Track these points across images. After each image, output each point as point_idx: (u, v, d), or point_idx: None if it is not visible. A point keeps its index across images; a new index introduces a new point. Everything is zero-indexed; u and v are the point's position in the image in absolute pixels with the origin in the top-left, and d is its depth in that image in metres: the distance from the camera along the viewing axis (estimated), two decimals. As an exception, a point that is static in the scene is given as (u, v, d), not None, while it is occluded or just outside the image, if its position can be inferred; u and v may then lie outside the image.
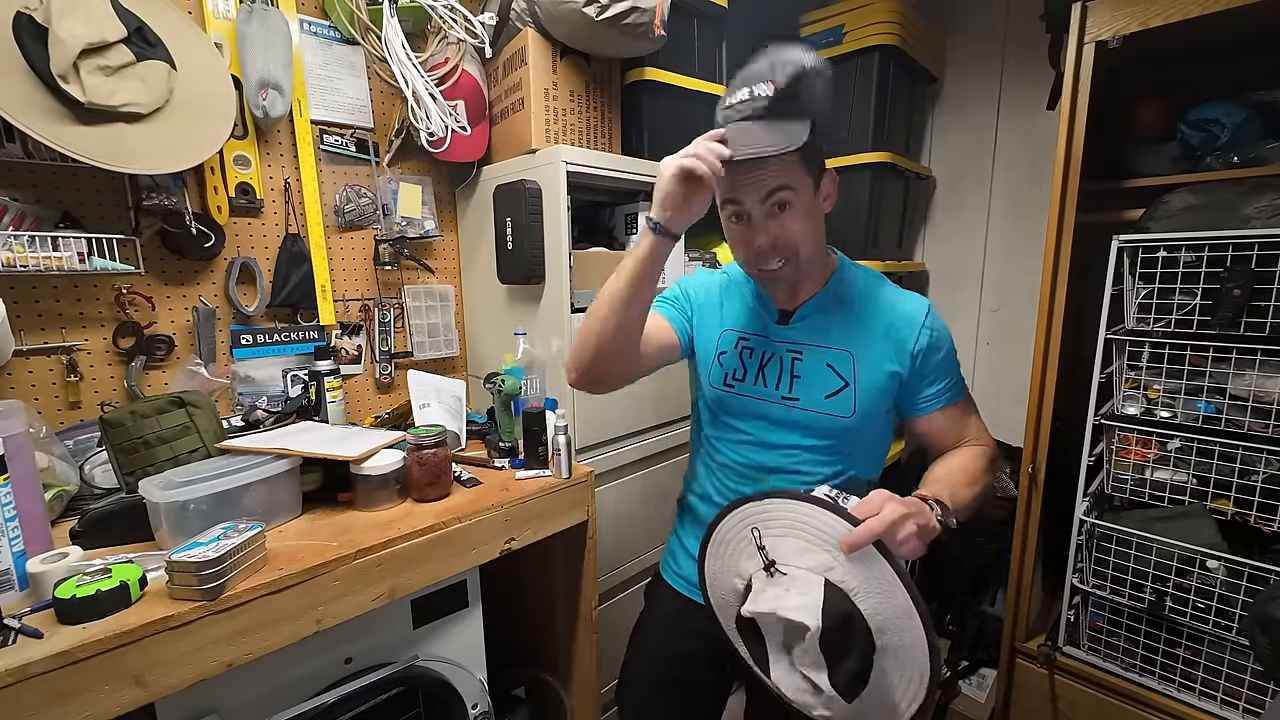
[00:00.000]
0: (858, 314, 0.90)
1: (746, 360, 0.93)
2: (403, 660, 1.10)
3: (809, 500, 0.71)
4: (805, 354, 0.90)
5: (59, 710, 0.72)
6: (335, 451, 1.09)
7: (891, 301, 0.91)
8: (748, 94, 0.74)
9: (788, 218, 0.80)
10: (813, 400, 0.89)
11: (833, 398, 0.88)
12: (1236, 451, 1.20)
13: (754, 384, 0.92)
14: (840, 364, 0.89)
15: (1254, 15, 1.11)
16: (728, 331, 0.96)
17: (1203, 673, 1.26)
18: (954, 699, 1.67)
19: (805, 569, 0.70)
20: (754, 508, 0.75)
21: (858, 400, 0.88)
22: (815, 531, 0.70)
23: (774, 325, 0.93)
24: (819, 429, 0.89)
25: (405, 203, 1.57)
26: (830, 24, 1.81)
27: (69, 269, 1.09)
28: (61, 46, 0.98)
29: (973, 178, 2.07)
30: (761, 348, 0.93)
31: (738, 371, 0.93)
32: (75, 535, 0.96)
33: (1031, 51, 1.83)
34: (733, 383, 0.93)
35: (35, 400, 1.15)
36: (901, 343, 0.88)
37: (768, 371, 0.92)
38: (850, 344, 0.89)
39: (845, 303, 0.91)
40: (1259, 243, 1.14)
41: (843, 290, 0.92)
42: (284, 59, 1.32)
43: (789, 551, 0.71)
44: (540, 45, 1.41)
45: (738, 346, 0.94)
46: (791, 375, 0.90)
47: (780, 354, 0.91)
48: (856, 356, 0.88)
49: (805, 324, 0.91)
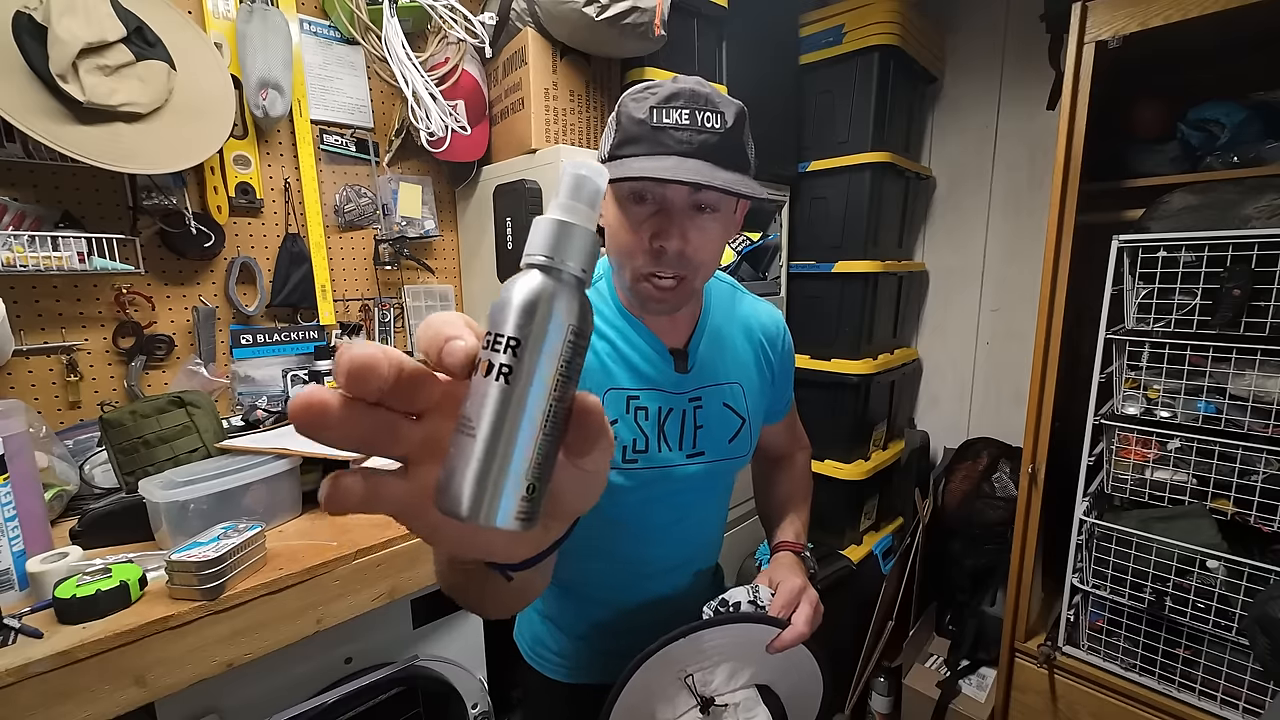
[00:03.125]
0: (733, 336, 0.80)
1: (643, 424, 0.73)
2: (403, 660, 1.10)
3: (740, 620, 0.71)
4: (705, 398, 0.76)
5: (59, 710, 0.72)
6: (335, 451, 1.09)
7: (753, 315, 0.83)
8: (688, 119, 0.60)
9: (708, 222, 0.64)
10: (717, 449, 0.77)
11: (735, 439, 0.78)
12: (1236, 451, 1.19)
13: (658, 451, 0.73)
14: (734, 400, 0.78)
15: (1254, 15, 1.11)
16: (612, 392, 0.72)
17: (1202, 673, 1.26)
18: (954, 699, 1.67)
19: (741, 689, 0.71)
20: (679, 649, 0.67)
21: (751, 435, 0.80)
22: (741, 647, 0.71)
23: (671, 373, 0.74)
24: (720, 474, 0.80)
25: (405, 203, 1.57)
26: (830, 24, 1.81)
27: (69, 269, 1.09)
28: (61, 46, 0.98)
29: (973, 178, 2.07)
30: (657, 404, 0.73)
31: (638, 442, 0.72)
32: (75, 535, 0.96)
33: (1031, 51, 1.83)
34: (634, 456, 0.72)
35: (35, 400, 1.15)
36: (769, 359, 0.83)
37: (668, 430, 0.74)
38: (736, 373, 0.79)
39: (720, 326, 0.79)
40: (1259, 243, 1.14)
41: (715, 312, 0.80)
42: (284, 59, 1.32)
43: (722, 680, 0.71)
44: (540, 45, 1.41)
45: (630, 410, 0.73)
46: (695, 427, 0.75)
47: (680, 408, 0.75)
48: (745, 386, 0.79)
49: (700, 364, 0.76)
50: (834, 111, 1.85)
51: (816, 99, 1.89)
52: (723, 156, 0.61)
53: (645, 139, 0.61)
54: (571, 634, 0.83)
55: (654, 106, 0.60)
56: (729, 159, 0.62)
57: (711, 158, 0.60)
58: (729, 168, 0.61)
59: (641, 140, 0.61)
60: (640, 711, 0.68)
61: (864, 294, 1.85)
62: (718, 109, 0.61)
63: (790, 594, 0.72)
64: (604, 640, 0.82)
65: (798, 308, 1.95)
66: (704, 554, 0.86)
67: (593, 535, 0.75)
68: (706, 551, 0.87)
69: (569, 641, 0.83)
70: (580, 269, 0.26)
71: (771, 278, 1.88)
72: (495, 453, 0.24)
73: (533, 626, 0.87)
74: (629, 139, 0.62)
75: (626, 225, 0.65)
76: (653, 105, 0.61)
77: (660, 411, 0.74)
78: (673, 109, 0.60)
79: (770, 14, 1.75)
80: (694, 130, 0.60)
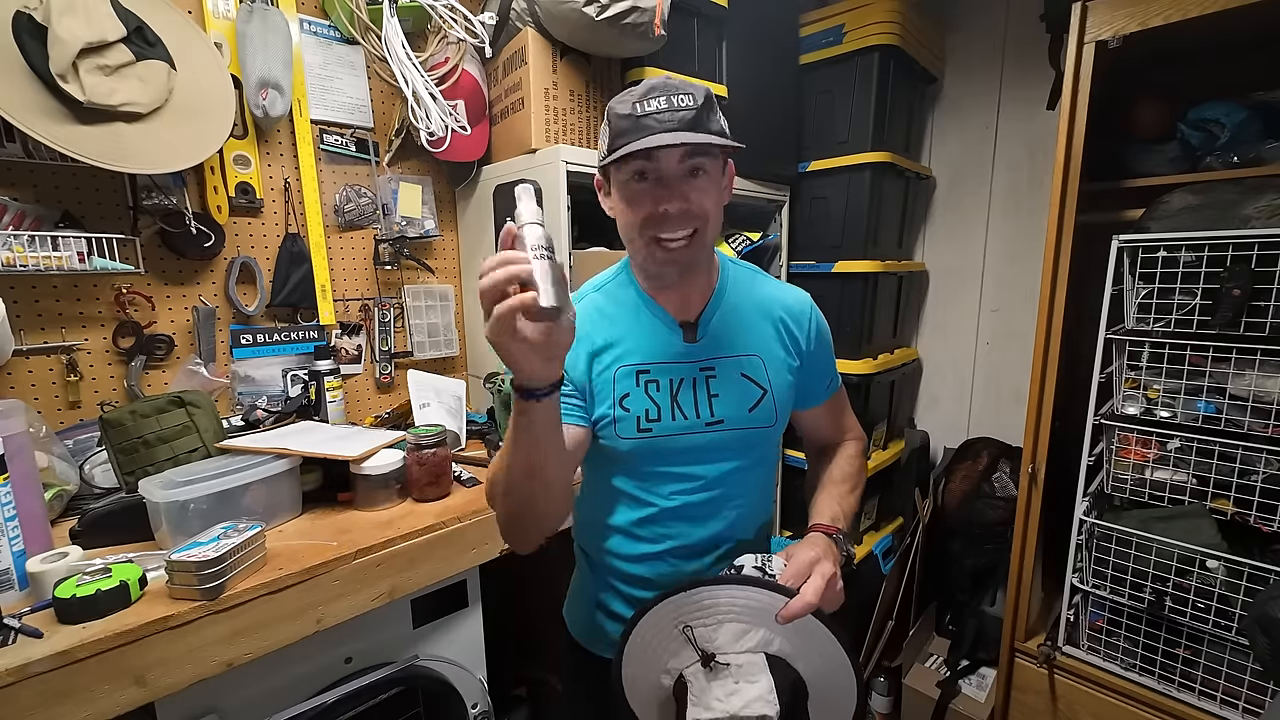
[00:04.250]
0: (751, 313, 0.84)
1: (655, 395, 0.79)
2: (403, 660, 1.10)
3: (741, 582, 0.70)
4: (718, 368, 0.81)
5: (59, 710, 0.72)
6: (335, 451, 1.09)
7: (777, 295, 0.87)
8: (665, 103, 0.69)
9: (703, 182, 0.73)
10: (738, 417, 0.80)
11: (756, 409, 0.81)
12: (1236, 451, 1.19)
13: (672, 419, 0.79)
14: (754, 370, 0.82)
15: (1254, 15, 1.11)
16: (622, 369, 0.79)
17: (1202, 672, 1.26)
18: (954, 699, 1.67)
19: (746, 652, 0.69)
20: (679, 601, 0.70)
21: (777, 405, 0.82)
22: (751, 611, 0.69)
23: (680, 344, 0.81)
24: (747, 444, 0.82)
25: (405, 202, 1.57)
26: (830, 24, 1.81)
27: (69, 269, 1.09)
28: (61, 46, 0.98)
29: (973, 178, 2.07)
30: (668, 375, 0.79)
31: (650, 412, 0.78)
32: (75, 535, 0.96)
33: (1031, 51, 1.83)
34: (648, 425, 0.78)
35: (35, 400, 1.15)
36: (794, 337, 0.85)
37: (682, 400, 0.79)
38: (756, 346, 0.83)
39: (736, 303, 0.84)
40: (1259, 243, 1.14)
41: (731, 290, 0.85)
42: (284, 58, 1.32)
43: (727, 639, 0.70)
44: (540, 45, 1.41)
45: (640, 383, 0.79)
46: (709, 395, 0.80)
47: (691, 376, 0.80)
48: (765, 359, 0.83)
49: (711, 335, 0.82)
50: (834, 111, 1.85)
51: (816, 99, 1.89)
52: (699, 125, 0.70)
53: (632, 129, 0.69)
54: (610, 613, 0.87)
55: (635, 101, 0.70)
56: (705, 127, 0.70)
57: (690, 128, 0.69)
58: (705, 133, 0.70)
59: (629, 131, 0.69)
60: (650, 657, 0.72)
61: (864, 294, 1.85)
62: (688, 91, 0.70)
63: (802, 565, 0.69)
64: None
65: (798, 308, 1.95)
66: (740, 530, 0.86)
67: (629, 510, 0.84)
68: (743, 527, 0.86)
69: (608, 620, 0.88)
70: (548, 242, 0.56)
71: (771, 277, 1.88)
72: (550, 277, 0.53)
73: (581, 605, 0.93)
74: (619, 133, 0.70)
75: (632, 201, 0.73)
76: (634, 100, 0.70)
77: (672, 383, 0.80)
78: (650, 99, 0.69)
79: (770, 14, 1.75)
80: (671, 111, 0.69)
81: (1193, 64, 1.46)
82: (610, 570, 0.87)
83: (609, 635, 0.87)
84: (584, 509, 0.93)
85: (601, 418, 0.79)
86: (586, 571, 0.92)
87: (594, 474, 0.88)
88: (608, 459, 0.82)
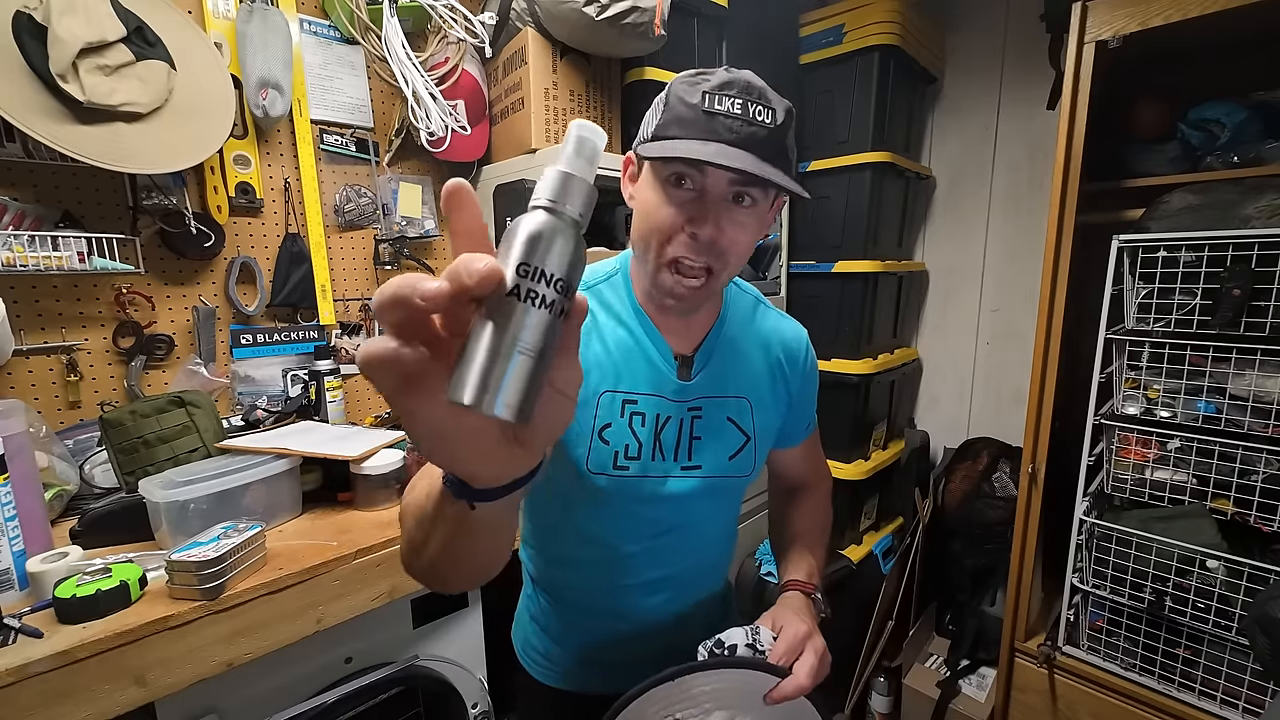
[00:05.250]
0: (749, 350, 0.77)
1: (638, 430, 0.70)
2: (403, 660, 1.10)
3: (735, 665, 0.66)
4: (705, 409, 0.73)
5: (59, 709, 0.72)
6: (335, 451, 1.09)
7: (776, 331, 0.80)
8: (739, 109, 0.59)
9: (744, 216, 0.62)
10: (716, 464, 0.74)
11: (736, 457, 0.75)
12: (1236, 451, 1.19)
13: (652, 459, 0.71)
14: (740, 416, 0.75)
15: (1254, 15, 1.11)
16: (608, 394, 0.69)
17: (1202, 672, 1.26)
18: (954, 699, 1.67)
19: None
20: (667, 690, 0.64)
21: (757, 455, 0.77)
22: (740, 696, 0.66)
23: (674, 379, 0.71)
24: (719, 491, 0.76)
25: (405, 202, 1.57)
26: (830, 24, 1.81)
27: (69, 269, 1.09)
28: (61, 46, 0.98)
29: (973, 178, 2.07)
30: (655, 410, 0.71)
31: (630, 448, 0.70)
32: (75, 535, 0.96)
33: (1031, 51, 1.83)
34: (625, 463, 0.69)
35: (35, 400, 1.15)
36: (787, 379, 0.80)
37: (665, 439, 0.71)
38: (747, 389, 0.76)
39: (735, 337, 0.76)
40: (1259, 243, 1.14)
41: (731, 323, 0.76)
42: (284, 58, 1.32)
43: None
44: (540, 45, 1.41)
45: (625, 414, 0.70)
46: (691, 437, 0.73)
47: (679, 416, 0.72)
48: (754, 403, 0.76)
49: (705, 373, 0.73)
50: (834, 111, 1.85)
51: (816, 99, 1.89)
52: (767, 151, 0.59)
53: (693, 123, 0.59)
54: (560, 641, 0.82)
55: (707, 92, 0.59)
56: (773, 155, 0.60)
57: (757, 151, 0.59)
58: (772, 164, 0.60)
59: (689, 123, 0.59)
60: None
61: (864, 294, 1.85)
62: (769, 104, 0.60)
63: (794, 640, 0.67)
64: (591, 651, 0.80)
65: (797, 308, 1.95)
66: (699, 575, 0.82)
67: (578, 541, 0.76)
68: (703, 573, 0.82)
69: (557, 648, 0.82)
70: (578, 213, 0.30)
71: (771, 277, 1.88)
72: (499, 350, 0.27)
73: (524, 628, 0.86)
74: (676, 119, 0.60)
75: (663, 207, 0.62)
76: (706, 90, 0.59)
77: (658, 419, 0.71)
78: (725, 96, 0.59)
79: (770, 14, 1.75)
80: (744, 121, 0.59)
81: (1193, 64, 1.46)
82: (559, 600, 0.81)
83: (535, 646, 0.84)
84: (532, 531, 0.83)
85: (573, 436, 0.69)
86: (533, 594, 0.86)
87: (547, 498, 0.76)
88: (569, 486, 0.71)
